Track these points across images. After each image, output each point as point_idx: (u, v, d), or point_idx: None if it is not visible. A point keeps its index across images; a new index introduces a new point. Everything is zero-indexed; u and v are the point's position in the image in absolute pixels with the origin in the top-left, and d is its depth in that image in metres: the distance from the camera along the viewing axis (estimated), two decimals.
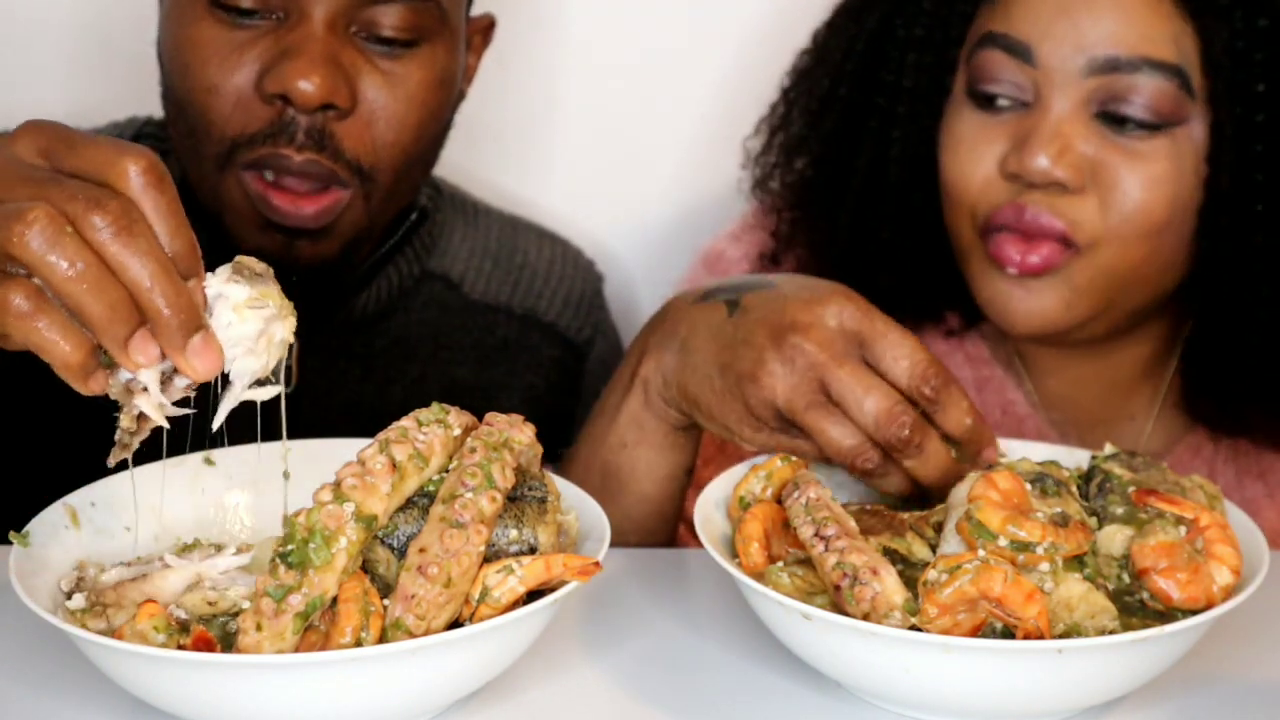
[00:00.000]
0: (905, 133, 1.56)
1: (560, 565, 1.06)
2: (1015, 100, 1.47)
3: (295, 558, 1.02)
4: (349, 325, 1.61)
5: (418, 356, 1.65)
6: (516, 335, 1.71)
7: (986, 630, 1.07)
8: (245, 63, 1.42)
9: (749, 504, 1.21)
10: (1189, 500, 1.16)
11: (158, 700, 1.05)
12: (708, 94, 1.95)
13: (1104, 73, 1.43)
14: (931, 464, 1.24)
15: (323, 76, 1.40)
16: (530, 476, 1.12)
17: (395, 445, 1.07)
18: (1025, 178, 1.44)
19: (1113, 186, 1.44)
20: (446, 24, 1.48)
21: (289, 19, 1.42)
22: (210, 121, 1.43)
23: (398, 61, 1.45)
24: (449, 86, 1.50)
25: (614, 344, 1.81)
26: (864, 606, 1.08)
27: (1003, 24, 1.48)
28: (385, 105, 1.45)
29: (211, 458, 1.24)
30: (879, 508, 1.22)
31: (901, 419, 1.22)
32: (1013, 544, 1.09)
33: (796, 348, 1.25)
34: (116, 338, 0.99)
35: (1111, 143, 1.44)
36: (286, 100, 1.42)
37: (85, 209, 0.97)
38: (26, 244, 0.96)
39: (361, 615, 1.02)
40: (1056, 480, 1.16)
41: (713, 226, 1.79)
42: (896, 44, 1.56)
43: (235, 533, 1.23)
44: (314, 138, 1.42)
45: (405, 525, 1.07)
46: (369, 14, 1.43)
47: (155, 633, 1.05)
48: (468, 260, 1.71)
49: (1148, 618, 1.10)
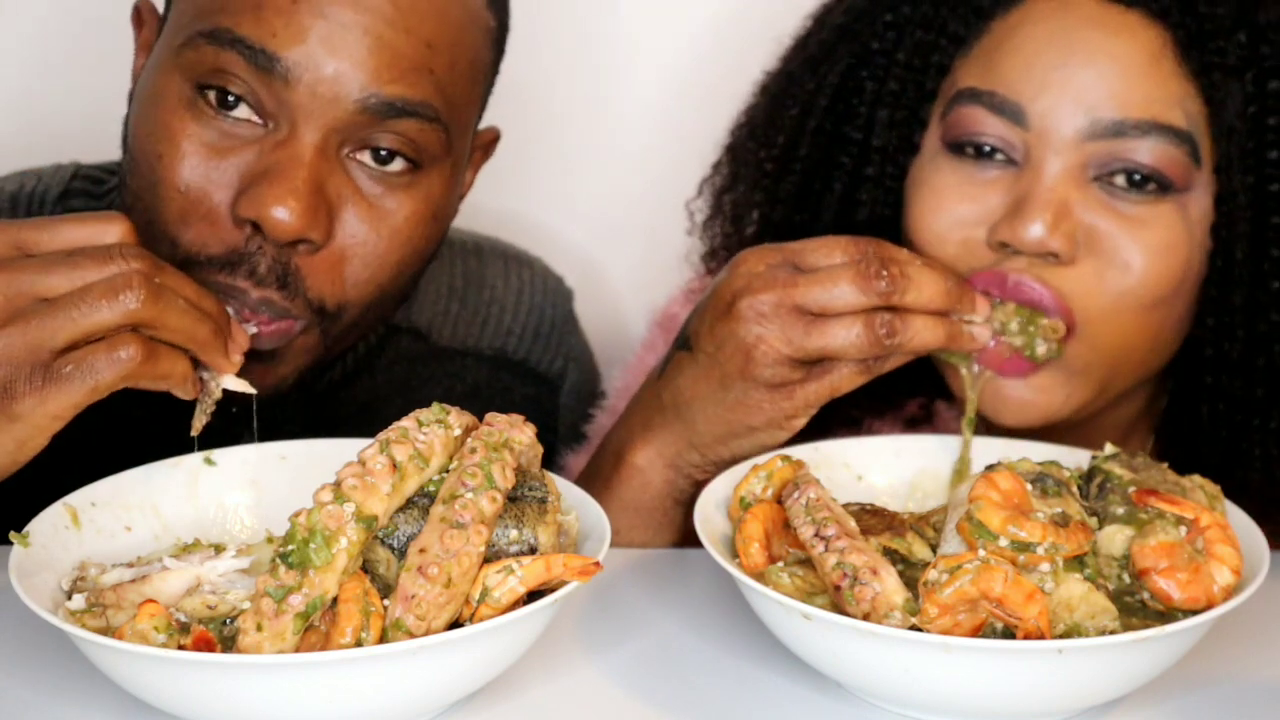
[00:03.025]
0: (872, 196, 1.44)
1: (560, 565, 1.06)
2: (1003, 156, 1.35)
3: (296, 558, 1.02)
4: (313, 397, 1.50)
5: (385, 417, 1.51)
6: (487, 379, 1.65)
7: (987, 630, 1.07)
8: (223, 171, 1.28)
9: (749, 504, 1.21)
10: (1189, 500, 1.16)
11: (158, 700, 1.05)
12: (687, 92, 1.94)
13: (1107, 137, 1.31)
14: (928, 291, 1.27)
15: (304, 208, 1.26)
16: (530, 477, 1.12)
17: (396, 445, 1.07)
18: (1016, 247, 1.32)
19: (1111, 256, 1.32)
20: (449, 152, 1.34)
21: (278, 130, 1.28)
22: (169, 222, 1.29)
23: (389, 192, 1.31)
24: (441, 221, 1.37)
25: (587, 369, 1.77)
26: (864, 606, 1.08)
27: (987, 79, 1.36)
28: (365, 241, 1.31)
29: (211, 458, 1.24)
30: (879, 508, 1.22)
31: (873, 270, 1.24)
32: (1013, 544, 1.09)
33: (751, 305, 1.26)
34: (220, 349, 1.18)
35: (1109, 209, 1.32)
36: (257, 227, 1.27)
37: (125, 261, 1.12)
38: (129, 304, 1.11)
39: (362, 615, 1.02)
40: (1057, 480, 1.16)
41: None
42: (865, 99, 1.44)
43: (235, 533, 1.23)
44: (276, 273, 1.28)
45: (405, 525, 1.07)
46: (367, 133, 1.29)
47: (155, 633, 1.05)
48: (434, 305, 1.62)
49: (1148, 618, 1.10)
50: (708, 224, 1.55)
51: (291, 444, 1.26)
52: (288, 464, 1.25)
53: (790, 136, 1.48)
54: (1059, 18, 1.35)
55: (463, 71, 1.34)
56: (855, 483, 1.30)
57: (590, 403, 1.71)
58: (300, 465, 1.23)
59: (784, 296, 1.26)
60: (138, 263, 1.12)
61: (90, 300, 1.10)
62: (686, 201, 1.57)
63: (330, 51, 1.27)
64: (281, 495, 1.21)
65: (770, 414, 1.28)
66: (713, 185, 1.55)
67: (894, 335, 1.25)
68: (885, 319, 1.25)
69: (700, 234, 1.56)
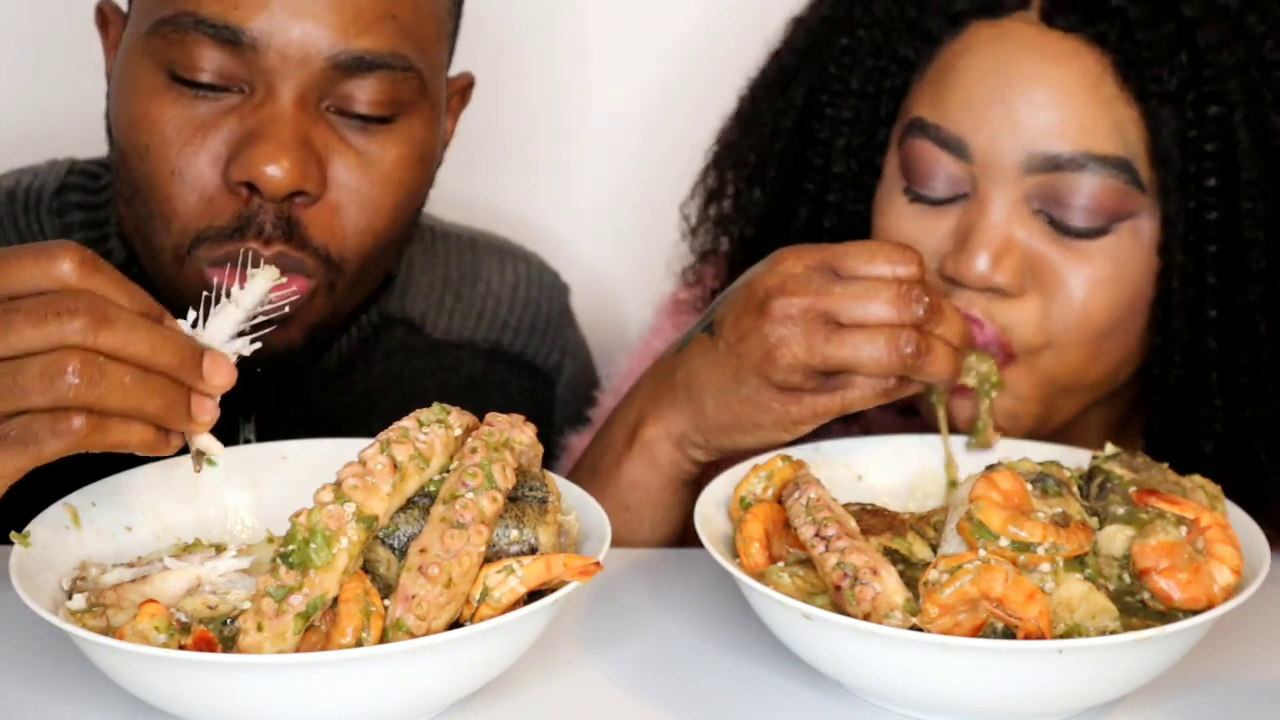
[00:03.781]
0: (835, 220, 1.46)
1: (560, 565, 1.06)
2: (953, 194, 1.36)
3: (296, 558, 1.02)
4: (309, 386, 1.52)
5: (381, 409, 1.55)
6: (483, 371, 1.65)
7: (987, 630, 1.07)
8: (210, 144, 1.31)
9: (749, 504, 1.21)
10: (1190, 500, 1.16)
11: (158, 700, 1.05)
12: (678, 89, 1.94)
13: (1044, 171, 1.32)
14: (954, 328, 1.26)
15: (293, 161, 1.29)
16: (531, 477, 1.12)
17: (396, 445, 1.07)
18: (961, 281, 1.34)
19: (1055, 290, 1.33)
20: (426, 95, 1.37)
21: (255, 94, 1.31)
22: (174, 210, 1.32)
23: (373, 139, 1.34)
24: (427, 162, 1.40)
25: (583, 363, 1.77)
26: (864, 606, 1.08)
27: (934, 112, 1.36)
28: (358, 188, 1.34)
29: (212, 458, 1.24)
30: (879, 508, 1.22)
31: (913, 293, 1.22)
32: (1014, 544, 1.09)
33: (783, 306, 1.25)
34: (179, 420, 1.07)
35: (1054, 240, 1.33)
36: (253, 188, 1.30)
37: (61, 321, 1.01)
38: (65, 390, 1.01)
39: (362, 615, 1.02)
40: (1057, 480, 1.16)
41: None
42: (825, 123, 1.45)
43: (235, 533, 1.23)
44: (281, 228, 1.31)
45: (406, 525, 1.07)
46: (343, 88, 1.32)
47: (156, 633, 1.05)
48: (428, 298, 1.63)
49: (1148, 618, 1.10)
50: (695, 231, 1.56)
51: (291, 444, 1.26)
52: (288, 464, 1.25)
53: (761, 157, 1.49)
54: (997, 46, 1.35)
55: (426, 13, 1.36)
56: (855, 483, 1.30)
57: (587, 396, 1.72)
58: (300, 465, 1.23)
59: (816, 303, 1.24)
60: (80, 319, 1.01)
61: (24, 381, 1.02)
62: (680, 205, 1.57)
63: (293, 15, 1.30)
64: (281, 495, 1.21)
65: (778, 415, 1.28)
66: (701, 193, 1.56)
67: (920, 356, 1.23)
68: (911, 337, 1.23)
69: (689, 241, 1.57)
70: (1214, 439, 1.38)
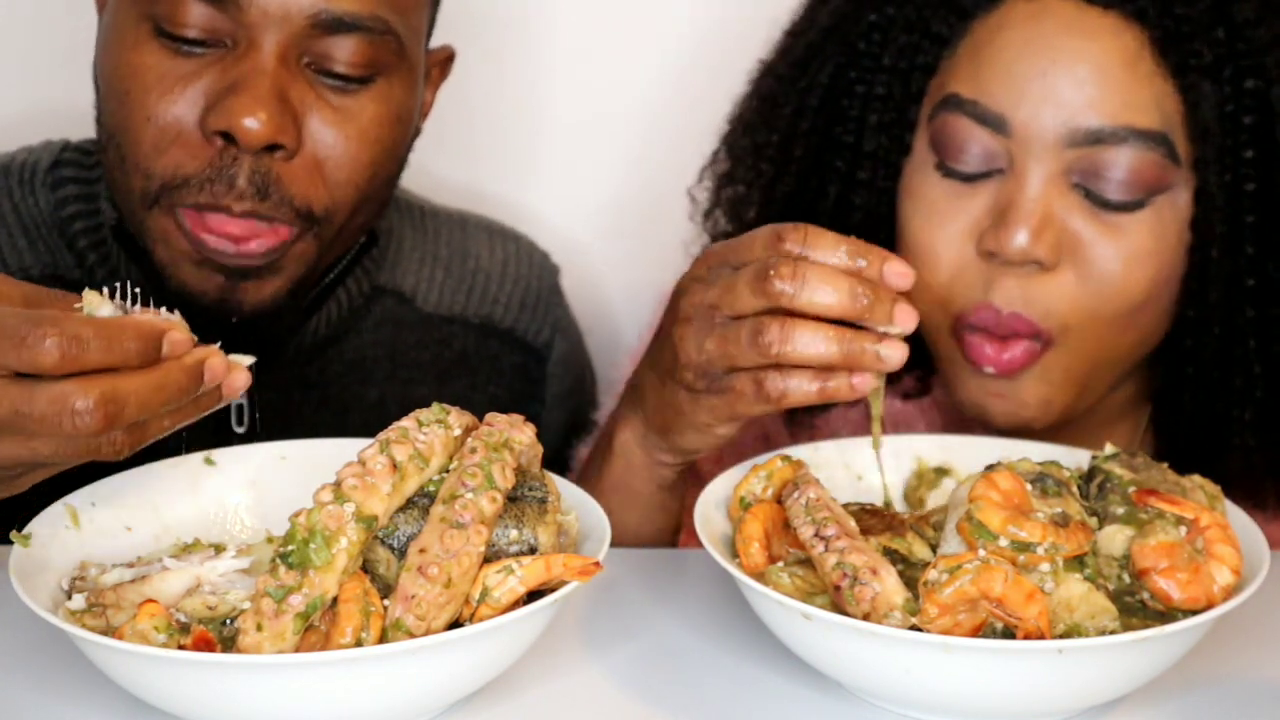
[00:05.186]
0: (866, 198, 1.45)
1: (560, 565, 1.06)
2: (986, 169, 1.37)
3: (295, 558, 1.02)
4: (300, 352, 1.54)
5: (374, 379, 1.59)
6: (475, 346, 1.66)
7: (987, 630, 1.07)
8: (189, 95, 1.34)
9: (749, 504, 1.21)
10: (1189, 500, 1.16)
11: (158, 700, 1.05)
12: (671, 77, 1.94)
13: (1085, 144, 1.33)
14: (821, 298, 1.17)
15: (270, 113, 1.32)
16: (530, 477, 1.12)
17: (396, 445, 1.07)
18: (1002, 256, 1.34)
19: (1091, 264, 1.35)
20: (404, 58, 1.40)
21: (237, 48, 1.34)
22: (142, 154, 1.35)
23: (351, 97, 1.37)
24: (405, 123, 1.43)
25: (574, 340, 1.78)
26: (864, 606, 1.08)
27: (971, 88, 1.37)
28: (335, 144, 1.36)
29: (212, 458, 1.24)
30: (879, 508, 1.22)
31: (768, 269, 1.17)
32: (1013, 544, 1.09)
33: (683, 307, 1.23)
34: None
35: (1091, 214, 1.35)
36: (229, 139, 1.33)
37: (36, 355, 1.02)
38: (76, 435, 1.04)
39: (362, 615, 1.02)
40: (1057, 480, 1.16)
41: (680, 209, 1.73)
42: (855, 101, 1.45)
43: (235, 533, 1.23)
44: (255, 184, 1.34)
45: (405, 525, 1.07)
46: (322, 45, 1.35)
47: (156, 633, 1.05)
48: (418, 271, 1.64)
49: (1148, 618, 1.10)
50: (708, 214, 1.55)
51: (291, 444, 1.26)
52: (288, 464, 1.25)
53: (784, 137, 1.49)
54: (1037, 22, 1.36)
55: None
56: (855, 483, 1.30)
57: (577, 373, 1.74)
58: (300, 465, 1.23)
59: (703, 298, 1.22)
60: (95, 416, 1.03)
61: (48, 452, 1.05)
62: (688, 188, 1.57)
63: None
64: (281, 495, 1.21)
65: (690, 418, 1.27)
66: (712, 175, 1.55)
67: (770, 341, 1.16)
68: (763, 324, 1.16)
69: (701, 223, 1.56)
70: (1254, 405, 1.39)
